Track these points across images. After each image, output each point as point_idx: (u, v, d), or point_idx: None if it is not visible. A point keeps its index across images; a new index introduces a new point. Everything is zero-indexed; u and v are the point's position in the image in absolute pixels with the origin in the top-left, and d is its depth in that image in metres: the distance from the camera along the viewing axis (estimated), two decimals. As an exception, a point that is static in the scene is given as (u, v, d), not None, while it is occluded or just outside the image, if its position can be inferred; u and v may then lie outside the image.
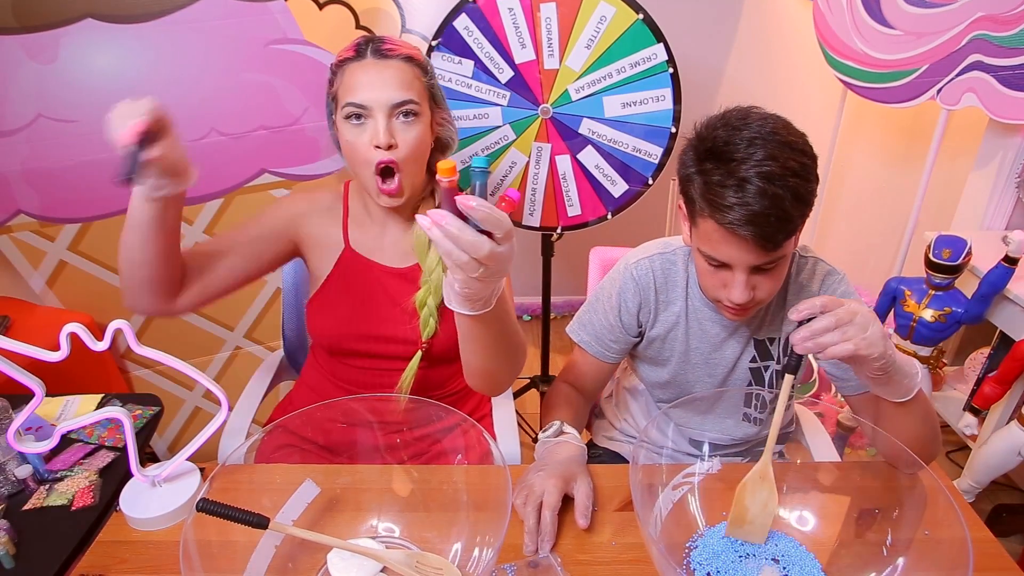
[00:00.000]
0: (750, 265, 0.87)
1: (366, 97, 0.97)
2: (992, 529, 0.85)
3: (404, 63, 0.99)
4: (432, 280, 1.05)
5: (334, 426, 1.07)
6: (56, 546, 0.86)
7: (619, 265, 1.09)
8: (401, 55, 1.00)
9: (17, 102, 1.45)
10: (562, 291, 2.75)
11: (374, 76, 0.97)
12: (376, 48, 0.99)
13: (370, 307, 1.09)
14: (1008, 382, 1.63)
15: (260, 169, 1.68)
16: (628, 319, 1.07)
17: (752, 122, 0.85)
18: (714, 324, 1.05)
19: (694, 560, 0.81)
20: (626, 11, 1.69)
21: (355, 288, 1.10)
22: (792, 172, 0.81)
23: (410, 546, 0.84)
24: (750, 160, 0.82)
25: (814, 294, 1.01)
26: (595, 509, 0.87)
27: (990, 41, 1.72)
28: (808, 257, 1.04)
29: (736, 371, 1.07)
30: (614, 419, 1.27)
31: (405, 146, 0.98)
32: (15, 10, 1.39)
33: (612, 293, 1.07)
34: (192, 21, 1.51)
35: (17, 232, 1.56)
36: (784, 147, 0.83)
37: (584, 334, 1.11)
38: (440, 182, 0.65)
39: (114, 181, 0.76)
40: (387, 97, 0.97)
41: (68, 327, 0.72)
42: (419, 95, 1.00)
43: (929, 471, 0.80)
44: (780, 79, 2.33)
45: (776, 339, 1.05)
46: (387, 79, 0.97)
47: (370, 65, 0.98)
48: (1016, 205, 1.96)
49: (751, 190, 0.81)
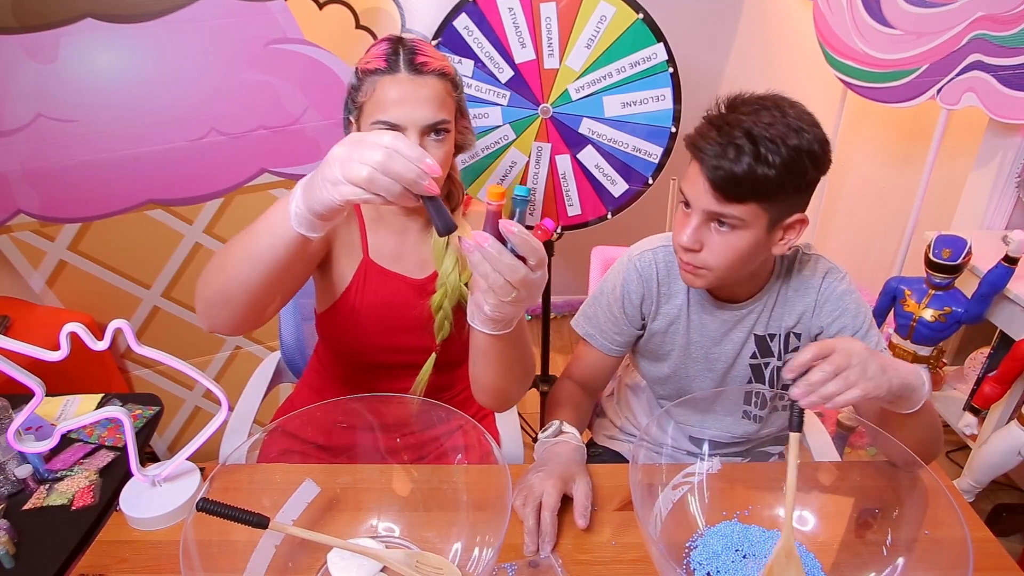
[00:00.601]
0: (705, 210, 0.87)
1: (400, 116, 0.92)
2: (992, 529, 0.86)
3: (439, 80, 0.94)
4: (449, 283, 1.04)
5: (334, 426, 1.07)
6: (56, 546, 0.86)
7: (623, 257, 1.09)
8: (436, 70, 0.94)
9: (17, 102, 1.45)
10: (562, 291, 2.76)
11: (409, 93, 0.92)
12: (410, 60, 0.93)
13: (390, 319, 1.08)
14: (1008, 382, 1.63)
15: (260, 169, 1.68)
16: (632, 310, 1.07)
17: (775, 100, 0.87)
18: (714, 318, 1.05)
19: (694, 560, 0.81)
20: (626, 11, 1.69)
21: (375, 299, 1.08)
22: (785, 146, 0.82)
23: (410, 546, 0.84)
24: (750, 117, 0.84)
25: (814, 290, 1.01)
26: (595, 509, 0.87)
27: (990, 41, 1.72)
28: (811, 255, 1.04)
29: (736, 367, 1.07)
30: (615, 417, 1.27)
31: (435, 163, 0.96)
32: (15, 10, 1.39)
33: (616, 285, 1.07)
34: (192, 21, 1.51)
35: (17, 232, 1.56)
36: (791, 129, 0.83)
37: (588, 327, 1.11)
38: (488, 205, 0.67)
39: (440, 234, 0.68)
40: (422, 117, 0.93)
41: (68, 327, 0.72)
42: (451, 112, 0.97)
43: (929, 471, 0.80)
44: (780, 79, 2.32)
45: (777, 335, 1.05)
46: (423, 98, 0.92)
47: (404, 81, 0.93)
48: (1016, 205, 1.96)
49: (735, 136, 0.83)
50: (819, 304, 1.01)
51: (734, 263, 0.91)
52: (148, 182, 1.60)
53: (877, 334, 1.01)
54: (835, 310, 1.00)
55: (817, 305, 1.01)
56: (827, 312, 1.01)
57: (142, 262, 1.70)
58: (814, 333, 1.03)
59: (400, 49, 0.94)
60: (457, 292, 1.04)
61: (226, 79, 1.58)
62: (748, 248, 0.89)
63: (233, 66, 1.57)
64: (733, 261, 0.90)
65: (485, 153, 1.87)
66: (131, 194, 1.61)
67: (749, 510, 0.88)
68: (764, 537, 0.84)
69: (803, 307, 1.02)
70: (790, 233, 0.91)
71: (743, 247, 0.89)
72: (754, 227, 0.88)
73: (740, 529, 0.85)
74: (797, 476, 0.75)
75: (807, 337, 1.04)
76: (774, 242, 0.92)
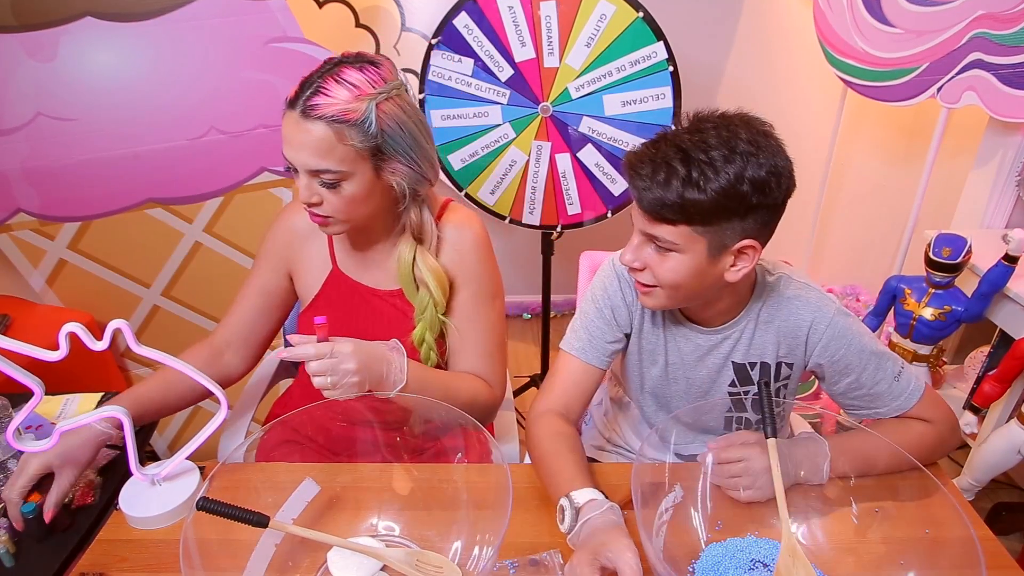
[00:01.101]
0: (640, 230, 0.86)
1: (289, 154, 0.93)
2: (992, 527, 0.86)
3: (328, 127, 0.89)
4: (426, 317, 1.04)
5: (334, 425, 1.07)
6: (56, 545, 0.86)
7: (606, 263, 1.06)
8: (326, 116, 0.89)
9: (16, 101, 1.45)
10: (562, 289, 2.75)
11: (294, 135, 0.91)
12: (305, 100, 0.90)
13: (353, 326, 1.06)
14: (1008, 380, 1.62)
15: (260, 167, 1.68)
16: (620, 312, 1.02)
17: (740, 119, 0.83)
18: (688, 341, 1.01)
19: (697, 570, 0.81)
20: (626, 9, 1.69)
21: (340, 308, 1.09)
22: (722, 170, 0.78)
23: (410, 544, 0.84)
24: (694, 136, 0.80)
25: (804, 327, 0.95)
26: None
27: (990, 39, 1.72)
28: (794, 281, 0.96)
29: (714, 393, 1.03)
30: (604, 429, 1.23)
31: (330, 206, 0.95)
32: (14, 8, 1.39)
33: (598, 291, 1.04)
34: (191, 19, 1.51)
35: (17, 231, 1.56)
36: (736, 152, 0.79)
37: (577, 341, 1.04)
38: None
39: None
40: (303, 161, 0.92)
41: (67, 327, 0.72)
42: (343, 160, 0.91)
43: (928, 472, 0.80)
44: (780, 77, 2.33)
45: (756, 364, 1.00)
46: (304, 143, 0.90)
47: (292, 121, 0.91)
48: (1016, 203, 1.96)
49: (669, 155, 0.80)
50: (811, 341, 0.95)
51: (678, 285, 0.87)
52: (148, 181, 1.60)
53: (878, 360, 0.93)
54: (832, 347, 0.94)
55: (810, 343, 0.95)
56: (825, 353, 0.95)
57: (142, 261, 1.70)
58: (810, 367, 0.99)
59: (308, 84, 0.92)
60: (437, 324, 1.05)
61: (226, 78, 1.58)
62: (689, 271, 0.85)
63: (233, 65, 1.57)
64: (676, 283, 0.86)
65: (485, 152, 1.87)
66: (131, 193, 1.61)
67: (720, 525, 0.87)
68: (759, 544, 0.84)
69: (792, 341, 0.97)
70: (742, 259, 0.85)
71: (683, 270, 0.85)
72: (691, 251, 0.83)
73: (739, 544, 0.84)
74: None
75: (799, 368, 1.00)
76: (724, 268, 0.86)
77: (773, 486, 0.81)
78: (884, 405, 0.95)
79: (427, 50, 1.79)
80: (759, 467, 0.85)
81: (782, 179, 0.81)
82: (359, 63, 0.94)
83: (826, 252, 2.58)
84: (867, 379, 0.93)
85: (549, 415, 0.98)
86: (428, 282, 1.02)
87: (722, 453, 0.88)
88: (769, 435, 0.84)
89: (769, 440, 0.83)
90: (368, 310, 1.09)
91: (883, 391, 0.93)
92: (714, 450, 0.89)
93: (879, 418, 0.96)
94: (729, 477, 0.87)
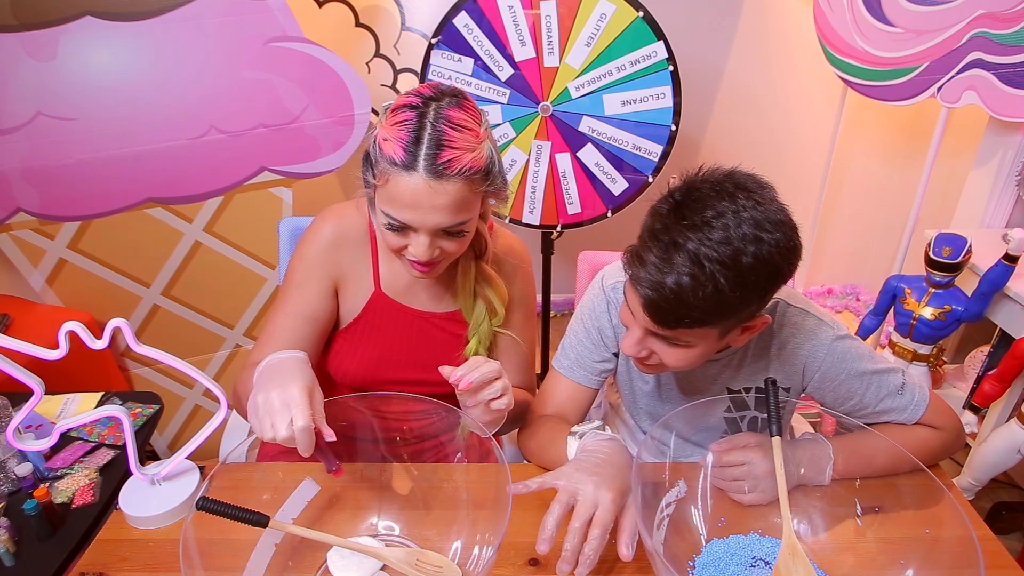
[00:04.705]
0: (645, 328, 0.81)
1: (410, 218, 0.83)
2: (992, 527, 0.86)
3: (463, 182, 0.82)
4: (481, 332, 1.03)
5: (334, 424, 1.07)
6: (56, 544, 0.86)
7: (595, 282, 1.04)
8: (462, 172, 0.81)
9: (16, 100, 1.45)
10: (562, 289, 2.75)
11: (424, 198, 0.81)
12: (431, 159, 0.80)
13: (399, 352, 1.04)
14: (1008, 380, 1.63)
15: (260, 167, 1.68)
16: (607, 334, 1.02)
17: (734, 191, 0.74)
18: (680, 374, 1.01)
19: (699, 565, 0.81)
20: (626, 9, 1.69)
21: (384, 332, 1.04)
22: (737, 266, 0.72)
23: (410, 544, 0.84)
24: (697, 234, 0.72)
25: (801, 356, 0.94)
26: None
27: (990, 39, 1.72)
28: (773, 302, 0.93)
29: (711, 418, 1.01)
30: None
31: (447, 255, 0.90)
32: (14, 8, 1.39)
33: (586, 312, 1.03)
34: (191, 18, 1.51)
35: (17, 230, 1.56)
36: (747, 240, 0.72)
37: (566, 360, 1.04)
38: None
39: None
40: (436, 222, 0.84)
41: (67, 325, 0.72)
42: (473, 207, 0.86)
43: (928, 472, 0.80)
44: (780, 77, 2.33)
45: (752, 389, 1.00)
46: (439, 205, 0.82)
47: (421, 185, 0.80)
48: (1016, 203, 1.96)
49: (676, 261, 0.73)
50: (809, 370, 0.95)
51: (691, 366, 0.85)
52: (148, 180, 1.60)
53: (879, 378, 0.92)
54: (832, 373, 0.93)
55: (807, 372, 0.95)
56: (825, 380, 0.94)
57: (142, 260, 1.70)
58: (809, 392, 0.99)
59: (424, 137, 0.81)
60: (488, 337, 1.05)
61: (225, 77, 1.57)
62: (700, 356, 0.84)
63: (233, 64, 1.57)
64: (689, 365, 0.85)
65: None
66: (131, 192, 1.60)
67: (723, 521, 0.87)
68: (761, 542, 0.84)
69: (789, 369, 0.96)
70: (749, 332, 0.85)
71: (694, 357, 0.83)
72: (703, 343, 0.81)
73: (741, 541, 0.84)
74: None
75: (796, 393, 0.99)
76: (732, 340, 0.85)
77: (776, 490, 0.81)
78: (890, 419, 0.94)
79: (427, 50, 1.79)
80: (761, 471, 0.85)
81: (794, 258, 0.77)
82: (455, 99, 0.85)
83: (826, 252, 2.59)
84: (870, 399, 0.93)
85: (545, 417, 1.02)
86: (489, 295, 1.02)
87: (724, 456, 0.88)
88: (774, 433, 0.83)
89: (774, 438, 0.83)
90: (413, 333, 1.05)
91: (887, 407, 0.93)
92: (716, 452, 0.89)
93: None
94: (731, 480, 0.87)
